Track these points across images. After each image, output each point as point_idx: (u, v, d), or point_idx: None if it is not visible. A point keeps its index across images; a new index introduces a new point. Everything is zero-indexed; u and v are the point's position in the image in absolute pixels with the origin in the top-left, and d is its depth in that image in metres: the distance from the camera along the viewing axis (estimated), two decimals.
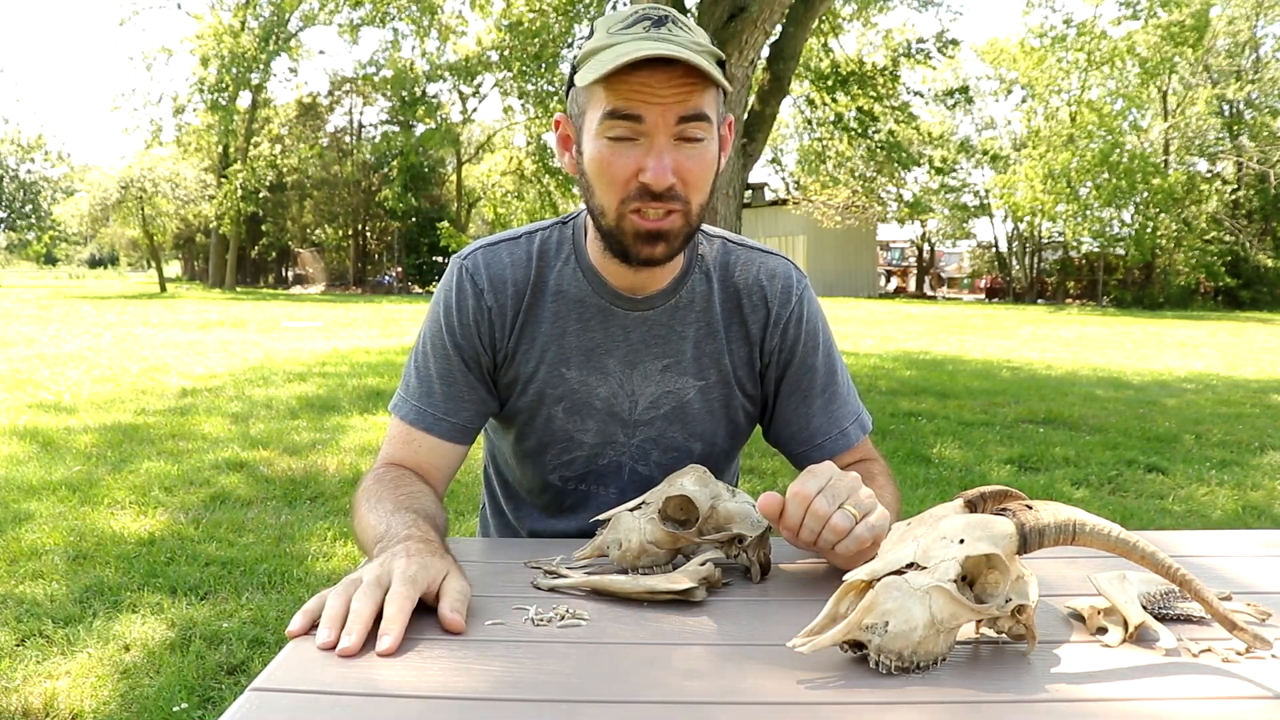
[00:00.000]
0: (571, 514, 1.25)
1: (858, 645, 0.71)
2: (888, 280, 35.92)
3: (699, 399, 1.18)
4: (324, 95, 36.19)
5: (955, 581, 0.70)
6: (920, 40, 10.46)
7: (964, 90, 11.38)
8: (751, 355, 1.19)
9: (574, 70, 1.05)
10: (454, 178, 33.17)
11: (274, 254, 39.46)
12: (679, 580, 0.86)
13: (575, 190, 12.89)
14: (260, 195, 32.04)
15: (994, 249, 33.31)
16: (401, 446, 1.15)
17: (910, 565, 0.72)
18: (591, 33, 1.05)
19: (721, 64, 1.04)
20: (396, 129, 31.64)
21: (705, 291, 1.17)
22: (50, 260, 59.38)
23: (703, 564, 0.89)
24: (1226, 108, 27.20)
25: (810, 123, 10.81)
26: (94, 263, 68.97)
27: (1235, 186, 26.39)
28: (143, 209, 27.88)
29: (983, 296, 32.36)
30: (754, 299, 1.19)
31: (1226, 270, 25.25)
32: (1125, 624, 0.78)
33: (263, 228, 36.54)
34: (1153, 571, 0.75)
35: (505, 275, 1.15)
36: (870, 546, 0.86)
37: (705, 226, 1.21)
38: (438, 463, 1.15)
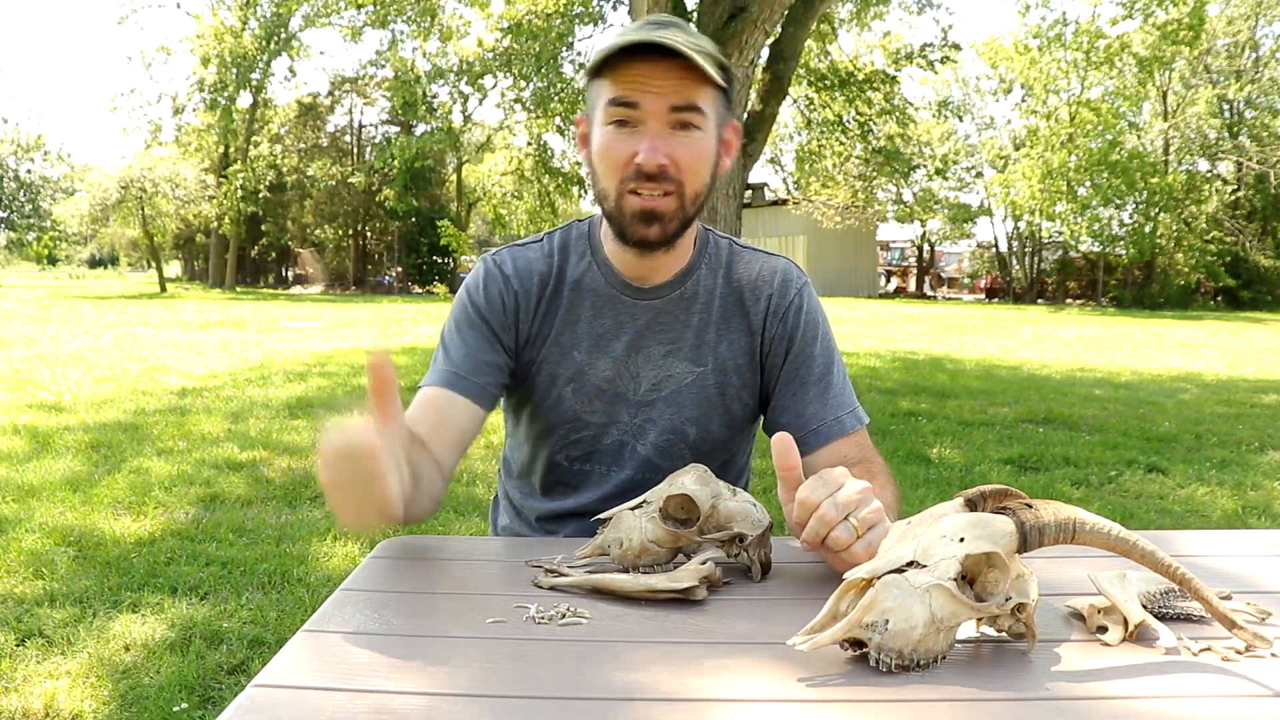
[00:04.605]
0: (572, 493, 1.29)
1: (858, 643, 0.71)
2: (888, 280, 35.92)
3: (695, 384, 1.23)
4: (324, 95, 36.23)
5: (955, 580, 0.70)
6: (926, 45, 10.44)
7: (956, 108, 11.46)
8: (753, 345, 1.25)
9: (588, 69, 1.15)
10: (454, 178, 33.17)
11: (274, 254, 39.44)
12: (680, 579, 0.86)
13: (574, 190, 12.91)
14: (260, 195, 32.04)
15: (994, 249, 33.31)
16: (419, 407, 1.17)
17: (910, 563, 0.72)
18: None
19: (725, 70, 1.12)
20: (396, 129, 31.67)
21: (710, 285, 1.24)
22: (51, 260, 59.36)
23: (703, 563, 0.89)
24: (1226, 108, 27.19)
25: (810, 123, 10.81)
26: (94, 263, 68.92)
27: (1235, 186, 26.39)
28: (143, 209, 27.86)
29: (983, 296, 32.36)
30: (756, 292, 1.25)
31: (1226, 270, 25.26)
32: (1125, 623, 0.78)
33: (263, 228, 36.52)
34: (1153, 570, 0.75)
35: (531, 268, 1.24)
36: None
37: (713, 229, 1.30)
38: (455, 419, 1.16)
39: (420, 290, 33.35)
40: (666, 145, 1.09)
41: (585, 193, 12.55)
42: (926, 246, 35.27)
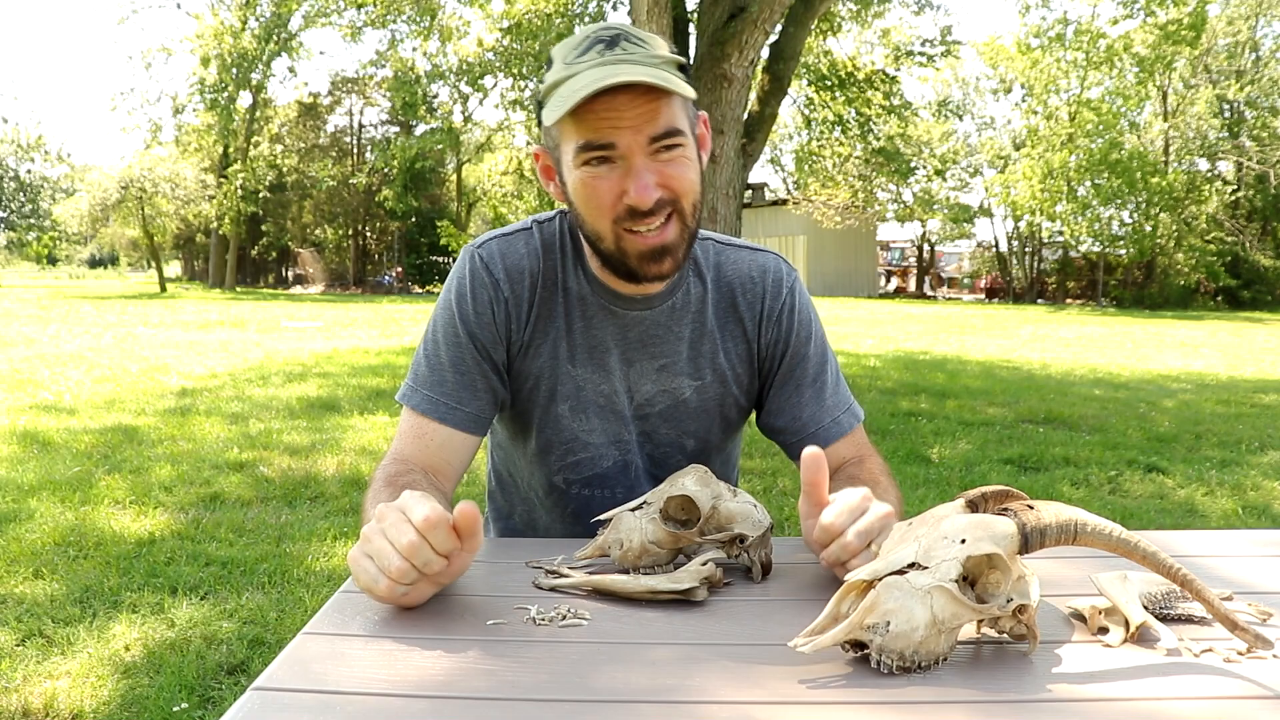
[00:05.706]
0: (575, 520, 1.25)
1: (859, 645, 0.71)
2: (888, 280, 35.92)
3: (695, 398, 1.20)
4: (324, 95, 36.23)
5: (957, 581, 0.70)
6: (925, 42, 10.44)
7: (955, 108, 11.52)
8: (750, 351, 1.21)
9: (540, 105, 1.05)
10: (454, 178, 33.18)
11: (274, 254, 39.46)
12: (680, 580, 0.86)
13: None
14: (260, 195, 32.05)
15: (994, 249, 33.32)
16: (412, 441, 1.12)
17: (912, 565, 0.72)
18: (550, 62, 1.05)
19: (684, 69, 1.04)
20: (396, 129, 31.68)
21: (700, 293, 1.19)
22: (51, 260, 59.36)
23: (704, 564, 0.89)
24: (1226, 108, 27.20)
25: (810, 123, 10.82)
26: (94, 263, 68.95)
27: (1235, 186, 26.40)
28: (143, 209, 27.89)
29: (983, 296, 32.36)
30: (748, 295, 1.20)
31: (1226, 270, 25.27)
32: (1127, 624, 0.78)
33: (263, 228, 36.54)
34: (1154, 571, 0.75)
35: (522, 265, 1.15)
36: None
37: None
38: (449, 456, 1.12)
39: (420, 290, 33.35)
40: (656, 174, 1.01)
41: None
42: (926, 246, 35.27)
